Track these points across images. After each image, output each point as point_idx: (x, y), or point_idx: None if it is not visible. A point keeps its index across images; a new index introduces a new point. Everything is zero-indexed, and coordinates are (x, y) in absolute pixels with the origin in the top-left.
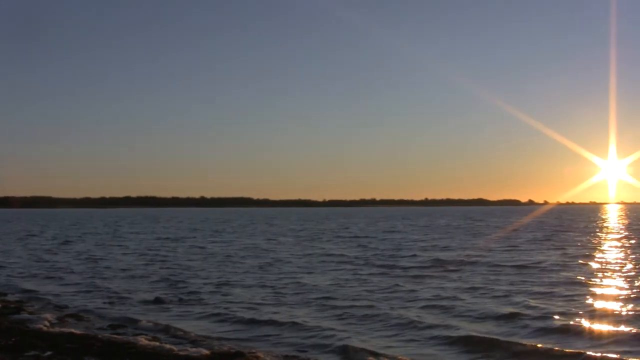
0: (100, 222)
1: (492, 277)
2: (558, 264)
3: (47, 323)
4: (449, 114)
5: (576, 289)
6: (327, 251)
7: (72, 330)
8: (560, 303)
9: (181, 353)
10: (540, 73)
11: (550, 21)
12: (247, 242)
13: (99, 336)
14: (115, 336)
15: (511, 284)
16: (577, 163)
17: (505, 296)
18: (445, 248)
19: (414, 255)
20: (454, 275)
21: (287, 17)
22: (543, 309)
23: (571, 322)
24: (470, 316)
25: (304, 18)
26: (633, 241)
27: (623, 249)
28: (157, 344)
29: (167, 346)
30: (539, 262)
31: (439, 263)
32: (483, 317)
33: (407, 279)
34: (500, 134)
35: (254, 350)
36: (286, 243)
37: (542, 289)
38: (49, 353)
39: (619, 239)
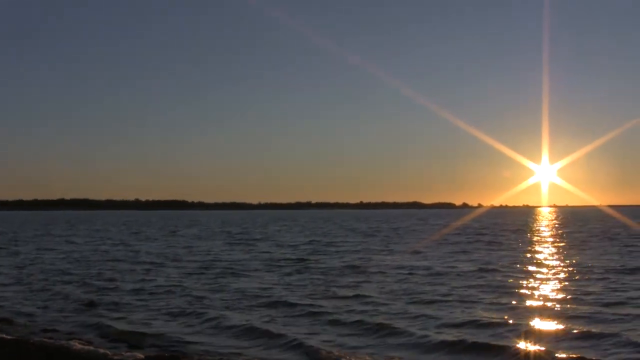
0: (30, 226)
1: (407, 281)
2: (486, 268)
3: None
4: (385, 117)
5: (499, 293)
6: (262, 254)
7: (3, 335)
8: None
9: (115, 357)
10: (476, 79)
11: (486, 29)
12: (174, 244)
13: (31, 341)
14: (48, 341)
15: (450, 289)
16: (511, 167)
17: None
18: (371, 251)
19: (347, 259)
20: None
21: (208, 15)
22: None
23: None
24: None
25: (225, 14)
26: (562, 243)
27: (552, 251)
28: (91, 347)
29: (102, 350)
30: (457, 267)
31: (360, 268)
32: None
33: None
34: (435, 139)
35: (189, 354)
36: (217, 246)
37: (467, 293)
38: None
39: (549, 242)
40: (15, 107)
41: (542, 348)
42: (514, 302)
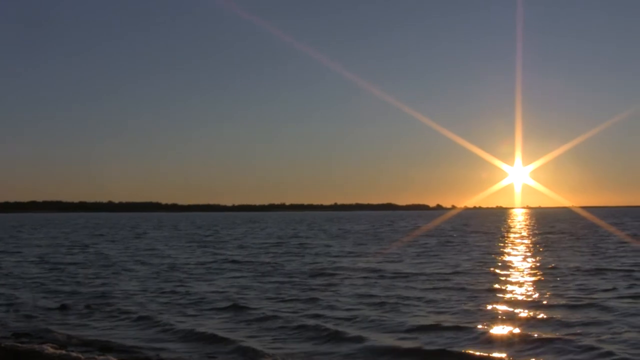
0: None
1: (374, 284)
2: (454, 271)
3: None
4: (359, 119)
5: (463, 296)
6: (225, 257)
7: None
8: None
9: None
10: (450, 82)
11: (460, 32)
12: (143, 247)
13: (2, 345)
14: (19, 345)
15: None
16: (484, 169)
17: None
18: (340, 253)
19: (310, 262)
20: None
21: (173, 15)
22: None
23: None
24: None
25: (191, 14)
26: (531, 245)
27: (521, 253)
28: (64, 352)
29: (74, 354)
30: (425, 270)
31: (326, 270)
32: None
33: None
34: (409, 140)
35: (163, 358)
36: (180, 248)
37: (431, 297)
38: None
39: (519, 243)
40: None
41: (500, 355)
42: (476, 306)
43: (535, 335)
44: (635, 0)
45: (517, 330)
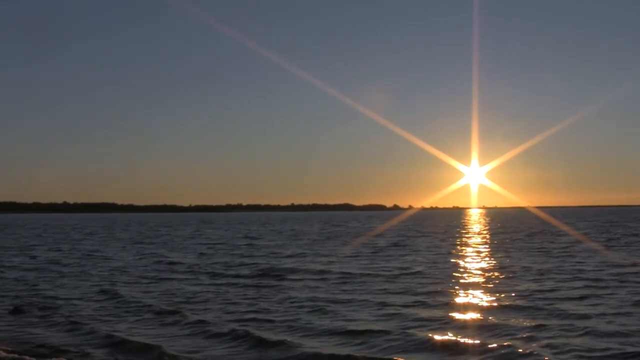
0: None
1: (318, 286)
2: (404, 272)
3: None
4: (316, 120)
5: (409, 298)
6: (167, 259)
7: None
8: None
9: None
10: (407, 82)
11: (417, 32)
12: (89, 249)
13: None
14: None
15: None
16: (441, 169)
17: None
18: (291, 255)
19: (255, 264)
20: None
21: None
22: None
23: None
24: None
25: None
26: (483, 245)
27: (476, 253)
28: (17, 355)
29: (27, 358)
30: (375, 271)
31: (276, 271)
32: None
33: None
34: (366, 141)
35: None
36: (122, 250)
37: (375, 299)
38: None
39: (474, 243)
40: None
41: None
42: (419, 310)
43: (473, 340)
44: (586, 10)
45: (452, 336)
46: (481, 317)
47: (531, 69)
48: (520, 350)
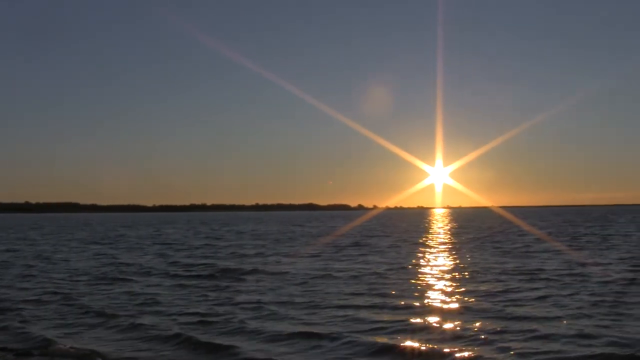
0: None
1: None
2: (362, 273)
3: None
4: (281, 120)
5: (364, 299)
6: (121, 260)
7: None
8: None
9: None
10: (371, 83)
11: (382, 33)
12: (43, 249)
13: None
14: None
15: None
16: (406, 169)
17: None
18: (245, 256)
19: (210, 265)
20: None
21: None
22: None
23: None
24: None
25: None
26: (447, 245)
27: (437, 253)
28: None
29: None
30: (334, 271)
31: (232, 273)
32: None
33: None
34: (331, 141)
35: None
36: (75, 252)
37: (325, 302)
38: None
39: (435, 244)
40: None
41: None
42: (373, 312)
43: (427, 345)
44: (545, 17)
45: (405, 340)
46: (438, 320)
47: (493, 73)
48: (478, 355)
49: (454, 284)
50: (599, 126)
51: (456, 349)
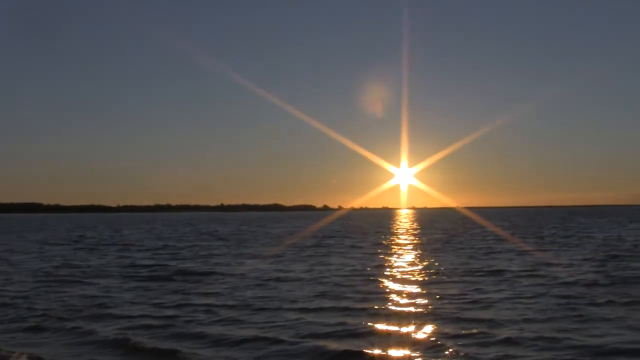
0: None
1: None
2: (319, 274)
3: None
4: (245, 120)
5: (317, 302)
6: (73, 262)
7: None
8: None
9: None
10: (337, 84)
11: (347, 33)
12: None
13: None
14: None
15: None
16: (371, 170)
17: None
18: (202, 257)
19: (164, 266)
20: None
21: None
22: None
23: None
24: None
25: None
26: (410, 245)
27: (401, 255)
28: None
29: None
30: (291, 274)
31: (185, 275)
32: None
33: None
34: (296, 141)
35: None
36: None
37: (276, 305)
38: None
39: (398, 244)
40: None
41: None
42: (324, 315)
43: (376, 350)
44: (512, 20)
45: (354, 346)
46: (395, 324)
47: (458, 75)
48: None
49: (415, 286)
50: (559, 129)
51: (410, 355)
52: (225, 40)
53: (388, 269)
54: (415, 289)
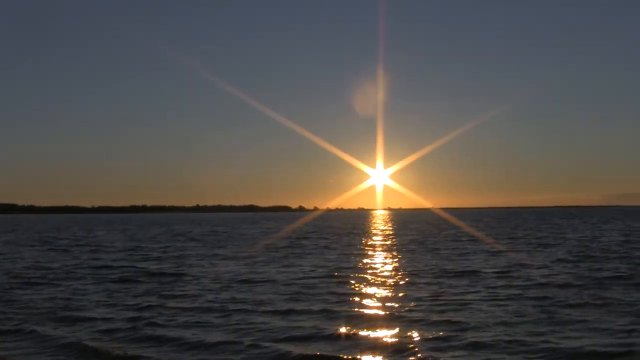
0: None
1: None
2: (293, 276)
3: None
4: (220, 121)
5: (288, 305)
6: (40, 263)
7: None
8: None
9: None
10: (313, 85)
11: (322, 35)
12: None
13: None
14: None
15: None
16: (347, 171)
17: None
18: (172, 258)
19: (132, 268)
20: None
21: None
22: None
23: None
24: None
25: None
26: (383, 246)
27: (374, 256)
28: None
29: None
30: (266, 275)
31: (154, 276)
32: None
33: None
34: (272, 142)
35: None
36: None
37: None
38: None
39: (373, 245)
40: None
41: None
42: (289, 318)
43: (344, 355)
44: (484, 22)
45: (316, 351)
46: (365, 327)
47: (434, 77)
48: None
49: (387, 288)
50: (534, 130)
51: (381, 359)
52: (204, 40)
53: (362, 271)
54: (388, 290)
